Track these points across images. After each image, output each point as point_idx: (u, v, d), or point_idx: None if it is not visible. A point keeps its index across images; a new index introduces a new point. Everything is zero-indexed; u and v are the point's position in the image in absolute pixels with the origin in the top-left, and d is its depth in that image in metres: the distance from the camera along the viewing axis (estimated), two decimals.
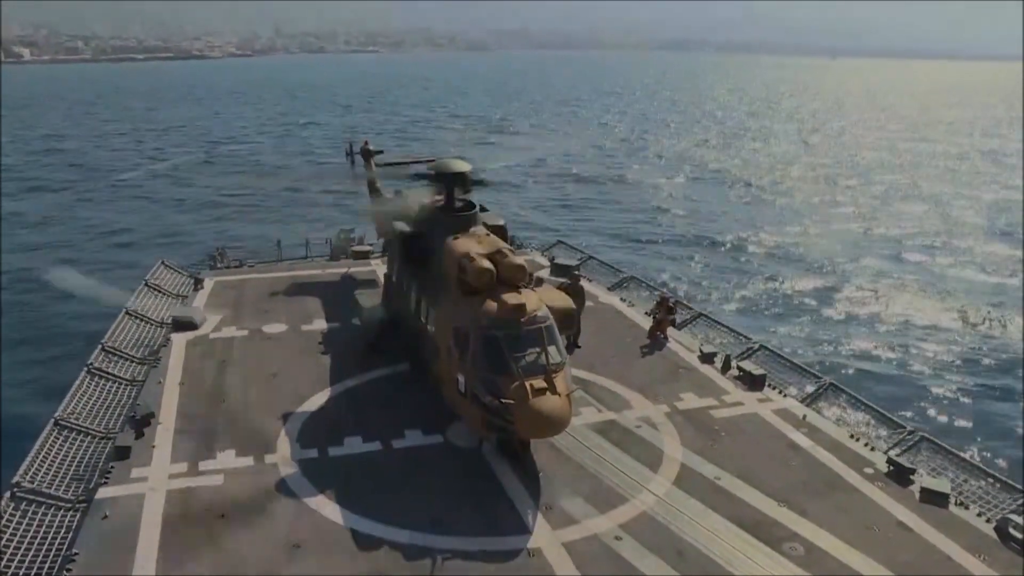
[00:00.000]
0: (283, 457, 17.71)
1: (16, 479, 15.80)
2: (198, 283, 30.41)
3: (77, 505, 15.76)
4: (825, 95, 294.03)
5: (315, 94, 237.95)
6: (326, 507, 15.81)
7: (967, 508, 16.66)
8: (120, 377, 21.44)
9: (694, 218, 79.29)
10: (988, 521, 16.15)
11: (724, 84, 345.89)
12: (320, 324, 26.25)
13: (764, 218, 78.89)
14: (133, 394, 20.82)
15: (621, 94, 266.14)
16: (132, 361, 22.71)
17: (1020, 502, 16.44)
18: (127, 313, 25.33)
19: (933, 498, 16.74)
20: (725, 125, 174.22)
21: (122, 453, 17.47)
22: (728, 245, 68.45)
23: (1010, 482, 17.37)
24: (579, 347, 23.65)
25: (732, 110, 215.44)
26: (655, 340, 25.07)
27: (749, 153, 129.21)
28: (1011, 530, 15.54)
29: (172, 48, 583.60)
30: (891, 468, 17.86)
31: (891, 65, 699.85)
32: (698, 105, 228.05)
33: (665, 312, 25.63)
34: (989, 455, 31.55)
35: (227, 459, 17.61)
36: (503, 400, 16.03)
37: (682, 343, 25.20)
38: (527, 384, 15.99)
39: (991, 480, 17.56)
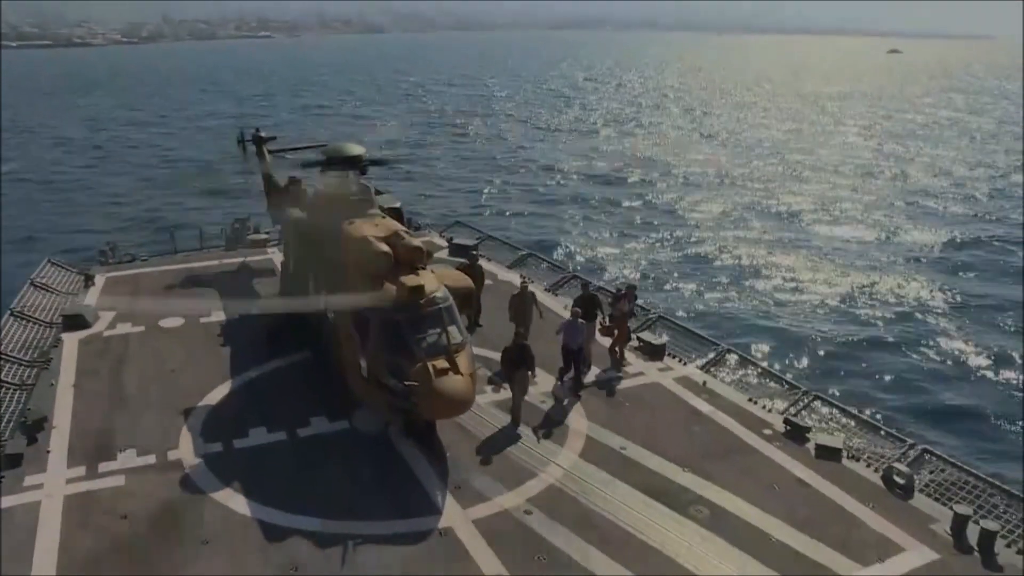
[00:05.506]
0: (186, 453, 17.26)
1: None
2: (88, 280, 29.13)
3: None
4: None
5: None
6: (233, 500, 15.51)
7: (857, 461, 17.56)
8: (8, 382, 20.34)
9: None
10: (876, 471, 17.03)
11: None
12: (218, 316, 25.55)
13: None
14: (23, 399, 19.84)
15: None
16: (20, 364, 21.59)
17: (902, 451, 17.43)
18: (12, 314, 24.15)
19: (827, 454, 17.58)
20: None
21: (13, 461, 16.67)
22: None
23: (894, 433, 18.53)
24: (480, 326, 23.74)
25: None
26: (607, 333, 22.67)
27: None
28: (895, 478, 16.48)
29: (49, 36, 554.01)
30: (788, 428, 18.66)
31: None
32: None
33: (629, 301, 22.76)
34: (876, 409, 33.05)
35: (128, 459, 17.04)
36: (406, 382, 16.04)
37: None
38: (429, 365, 16.02)
39: (878, 433, 18.64)
